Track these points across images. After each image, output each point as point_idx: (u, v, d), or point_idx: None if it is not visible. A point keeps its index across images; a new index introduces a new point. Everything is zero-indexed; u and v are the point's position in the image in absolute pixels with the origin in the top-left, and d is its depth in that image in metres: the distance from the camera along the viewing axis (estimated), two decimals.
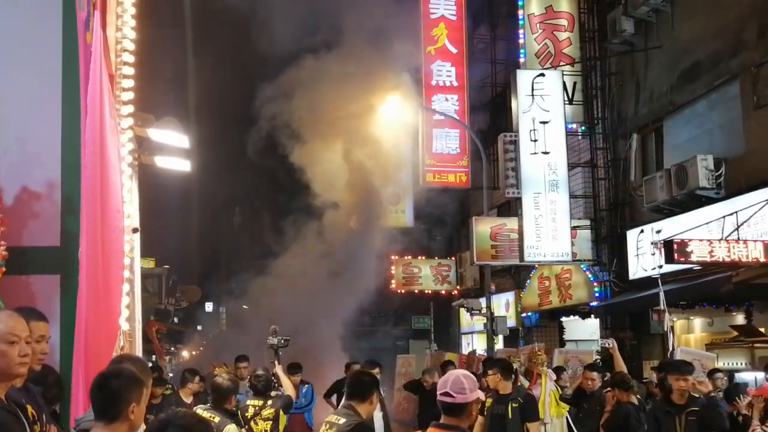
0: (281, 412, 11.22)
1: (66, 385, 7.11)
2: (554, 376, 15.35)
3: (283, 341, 12.68)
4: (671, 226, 20.67)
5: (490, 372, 13.12)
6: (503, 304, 32.74)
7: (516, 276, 31.69)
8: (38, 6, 8.29)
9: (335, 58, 31.58)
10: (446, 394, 5.96)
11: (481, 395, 6.16)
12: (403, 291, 34.17)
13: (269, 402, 11.19)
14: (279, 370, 12.51)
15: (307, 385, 17.15)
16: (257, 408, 11.05)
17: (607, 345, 14.11)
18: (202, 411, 9.28)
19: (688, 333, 23.49)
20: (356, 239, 32.34)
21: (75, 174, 7.61)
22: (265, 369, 11.89)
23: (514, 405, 12.09)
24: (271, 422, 10.99)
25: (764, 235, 17.95)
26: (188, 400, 13.78)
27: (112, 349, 7.80)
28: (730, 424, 12.05)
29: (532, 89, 25.67)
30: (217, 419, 9.22)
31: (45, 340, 5.83)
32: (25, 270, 7.53)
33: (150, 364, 22.00)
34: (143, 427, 5.21)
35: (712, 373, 14.96)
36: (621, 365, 13.74)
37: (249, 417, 10.74)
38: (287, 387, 12.18)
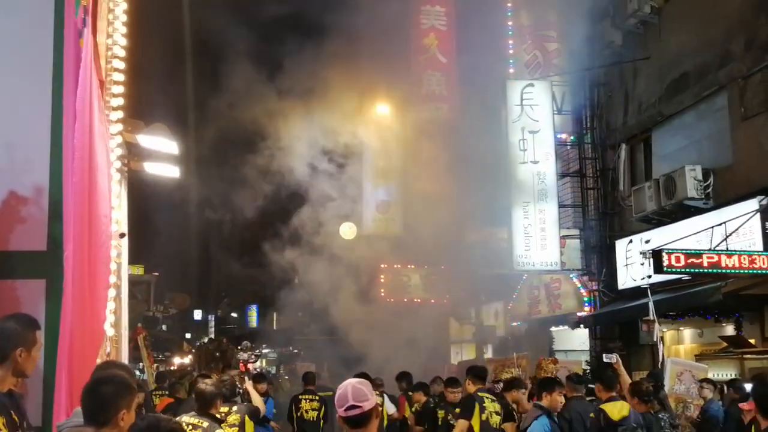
0: (247, 418, 11.25)
1: (49, 390, 7.10)
2: None
3: (253, 357, 12.80)
4: (660, 236, 20.69)
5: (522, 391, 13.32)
6: (492, 314, 32.76)
7: (505, 285, 31.66)
8: (29, 12, 8.28)
9: (327, 67, 31.59)
10: (352, 407, 5.54)
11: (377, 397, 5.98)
12: (392, 299, 34.11)
13: (234, 408, 11.23)
14: (249, 385, 12.58)
15: (268, 399, 17.11)
16: (223, 415, 11.06)
17: (611, 360, 14.05)
18: (189, 418, 9.29)
19: (678, 344, 23.53)
20: (347, 249, 32.35)
21: (62, 179, 7.60)
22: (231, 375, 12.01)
23: None
24: (237, 428, 11.01)
25: (752, 246, 18.00)
26: None
27: (96, 355, 7.79)
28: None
29: (522, 99, 25.73)
30: (205, 424, 9.24)
31: (38, 348, 5.88)
32: (12, 275, 7.51)
33: (141, 374, 22.05)
34: None
35: (702, 382, 15.03)
36: (626, 380, 13.65)
37: None
38: (257, 401, 12.33)
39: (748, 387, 16.24)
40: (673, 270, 16.91)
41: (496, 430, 12.37)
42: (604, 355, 14.68)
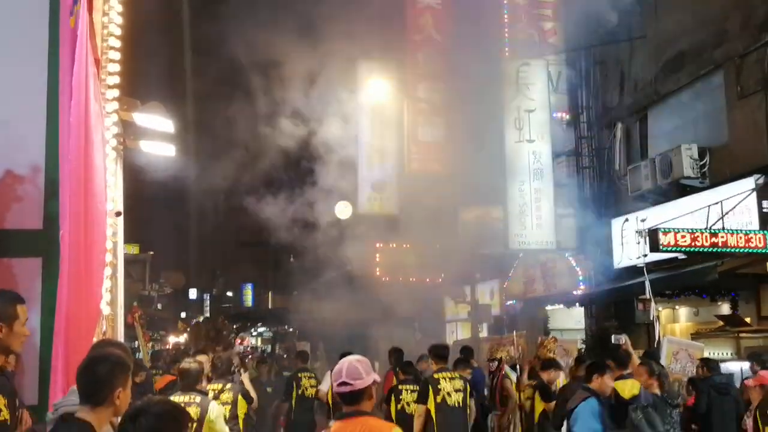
0: (240, 397, 11.52)
1: (45, 369, 7.09)
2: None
3: (249, 348, 13.01)
4: (656, 215, 20.68)
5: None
6: (488, 293, 32.76)
7: (501, 264, 31.63)
8: None
9: (321, 45, 31.51)
10: (343, 383, 5.83)
11: (377, 377, 6.05)
12: (387, 278, 34.08)
13: (228, 386, 11.51)
14: (245, 377, 12.70)
15: None
16: (216, 392, 11.37)
17: (619, 341, 14.04)
18: (179, 397, 9.42)
19: (674, 322, 23.56)
20: (340, 226, 32.34)
21: (58, 158, 7.58)
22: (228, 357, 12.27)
23: None
24: (229, 406, 11.28)
25: (748, 225, 18.02)
26: None
27: (93, 334, 7.79)
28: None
29: (517, 78, 25.71)
30: (198, 399, 9.54)
31: (23, 323, 5.85)
32: (7, 253, 7.49)
33: (136, 354, 22.15)
34: None
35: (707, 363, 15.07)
36: (635, 360, 13.66)
37: None
38: (251, 391, 12.57)
39: (737, 366, 16.46)
40: (669, 249, 16.93)
41: (457, 408, 12.59)
42: (612, 336, 14.68)
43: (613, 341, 14.30)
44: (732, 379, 15.84)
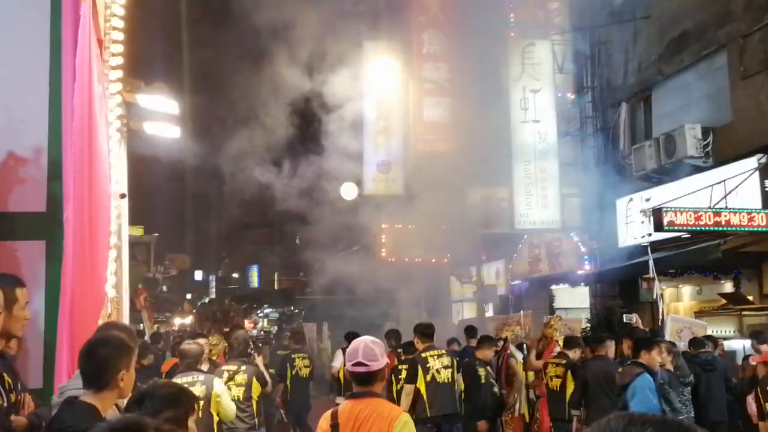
0: (254, 380, 11.58)
1: (50, 352, 7.11)
2: None
3: (263, 333, 13.08)
4: (660, 194, 20.72)
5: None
6: (493, 273, 32.81)
7: (506, 244, 31.67)
8: None
9: (328, 25, 31.46)
10: (359, 364, 5.82)
11: (388, 360, 6.07)
12: (393, 259, 34.10)
13: (243, 368, 11.56)
14: (259, 361, 12.78)
15: None
16: (231, 373, 11.41)
17: (631, 321, 14.07)
18: (181, 378, 9.45)
19: (677, 301, 23.59)
20: (348, 208, 32.36)
21: (61, 139, 7.59)
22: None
23: None
24: (243, 388, 11.37)
25: (751, 203, 18.03)
26: None
27: (98, 316, 7.77)
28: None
29: (523, 58, 25.69)
30: (201, 377, 9.63)
31: (22, 306, 5.82)
32: (11, 236, 7.49)
33: (145, 337, 22.27)
34: None
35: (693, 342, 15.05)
36: None
37: (223, 382, 10.89)
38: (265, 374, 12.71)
39: (739, 343, 16.51)
40: (673, 228, 16.96)
41: (446, 384, 12.79)
42: (624, 315, 14.72)
43: (624, 320, 14.34)
44: (735, 356, 15.93)
